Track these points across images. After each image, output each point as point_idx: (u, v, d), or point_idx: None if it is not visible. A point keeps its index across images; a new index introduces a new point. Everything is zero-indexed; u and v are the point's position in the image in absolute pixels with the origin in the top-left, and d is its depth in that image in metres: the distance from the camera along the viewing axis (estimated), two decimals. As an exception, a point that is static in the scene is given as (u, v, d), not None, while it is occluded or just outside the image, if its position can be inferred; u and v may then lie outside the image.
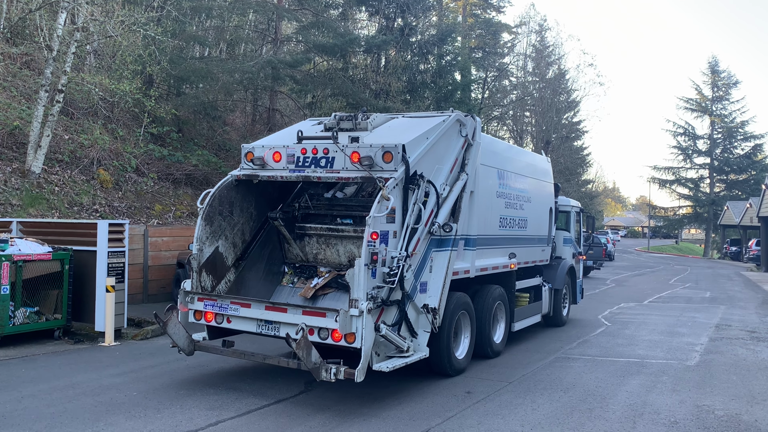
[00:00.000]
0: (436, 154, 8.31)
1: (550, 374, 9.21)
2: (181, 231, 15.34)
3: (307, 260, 8.81)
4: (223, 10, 22.01)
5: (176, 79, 20.78)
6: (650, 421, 7.11)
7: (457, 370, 8.83)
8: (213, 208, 8.28)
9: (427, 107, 25.44)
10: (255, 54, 24.94)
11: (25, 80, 18.23)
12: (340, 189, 9.02)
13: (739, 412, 7.58)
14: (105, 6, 17.04)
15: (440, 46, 27.39)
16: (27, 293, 10.11)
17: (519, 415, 7.19)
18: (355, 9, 27.93)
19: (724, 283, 27.79)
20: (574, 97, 47.12)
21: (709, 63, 59.57)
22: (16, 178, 14.77)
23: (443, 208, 8.30)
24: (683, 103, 59.28)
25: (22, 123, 16.14)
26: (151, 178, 18.40)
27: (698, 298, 20.54)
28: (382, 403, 7.48)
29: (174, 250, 14.78)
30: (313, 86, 23.47)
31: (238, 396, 7.56)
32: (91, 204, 15.96)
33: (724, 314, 16.56)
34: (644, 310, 17.16)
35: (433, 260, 8.19)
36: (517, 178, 11.05)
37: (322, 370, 6.79)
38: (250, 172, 8.45)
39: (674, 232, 74.51)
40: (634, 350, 11.21)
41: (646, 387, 8.62)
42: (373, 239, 6.97)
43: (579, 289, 15.00)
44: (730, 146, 57.93)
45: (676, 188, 59.51)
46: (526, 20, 45.70)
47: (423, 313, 7.83)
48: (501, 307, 10.38)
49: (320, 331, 7.09)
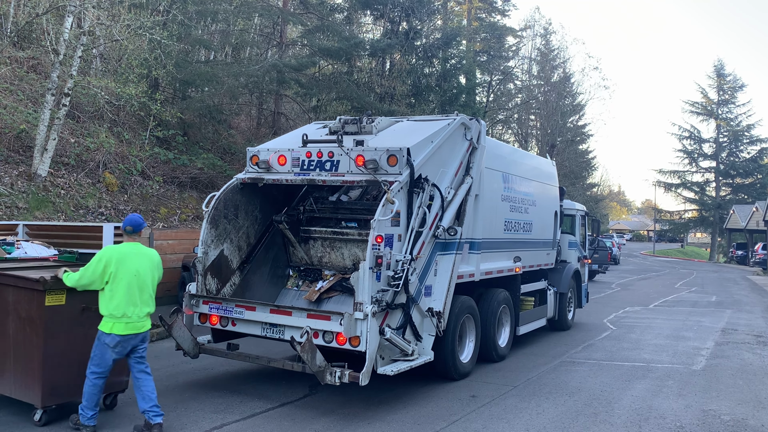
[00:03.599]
0: (441, 158, 8.31)
1: (555, 378, 9.19)
2: (187, 234, 15.36)
3: (311, 263, 8.81)
4: (229, 14, 22.06)
5: (182, 82, 20.83)
6: (656, 426, 7.08)
7: (461, 374, 8.82)
8: (218, 212, 8.30)
9: (432, 111, 25.43)
10: (260, 58, 24.99)
11: (31, 84, 18.32)
12: (345, 192, 9.03)
13: (745, 416, 7.54)
14: (111, 10, 17.11)
15: (445, 49, 27.39)
16: (33, 296, 10.12)
17: (524, 420, 7.17)
18: (360, 13, 27.94)
19: (730, 287, 27.67)
20: (580, 100, 47.05)
21: (715, 66, 59.55)
22: (22, 181, 14.83)
23: (448, 211, 8.30)
24: (689, 106, 59.22)
25: (28, 126, 16.22)
26: (156, 181, 18.44)
27: (704, 302, 20.46)
28: (386, 406, 7.47)
29: (179, 253, 14.80)
30: (318, 90, 23.50)
31: (243, 399, 7.56)
32: (97, 207, 16.01)
33: (730, 318, 16.49)
34: (650, 314, 17.10)
35: (438, 264, 8.18)
36: (522, 181, 11.03)
37: (327, 373, 6.79)
38: (255, 176, 8.47)
39: (680, 235, 74.17)
40: (639, 354, 11.17)
41: (651, 391, 8.59)
42: (378, 242, 6.97)
43: (584, 293, 14.96)
44: (736, 150, 57.72)
45: (681, 192, 59.36)
46: (531, 24, 45.66)
47: (428, 317, 7.82)
48: (506, 310, 10.36)
49: (325, 334, 7.09)
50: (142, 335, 6.26)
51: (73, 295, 6.35)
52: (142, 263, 6.25)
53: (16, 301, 6.53)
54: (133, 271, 6.14)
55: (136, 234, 6.34)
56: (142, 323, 6.22)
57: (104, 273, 6.06)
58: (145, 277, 6.24)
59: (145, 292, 6.23)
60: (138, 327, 6.19)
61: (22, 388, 6.47)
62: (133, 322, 6.13)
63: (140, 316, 6.19)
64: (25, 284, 6.42)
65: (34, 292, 6.32)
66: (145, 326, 6.28)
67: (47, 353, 6.28)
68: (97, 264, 6.07)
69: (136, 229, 6.32)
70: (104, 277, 6.06)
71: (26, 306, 6.42)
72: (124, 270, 6.10)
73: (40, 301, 6.28)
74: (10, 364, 6.57)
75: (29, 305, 6.39)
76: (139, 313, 6.17)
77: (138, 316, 6.17)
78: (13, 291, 6.55)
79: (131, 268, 6.14)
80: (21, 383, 6.48)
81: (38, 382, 6.29)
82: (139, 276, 6.18)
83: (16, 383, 6.53)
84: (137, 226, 6.32)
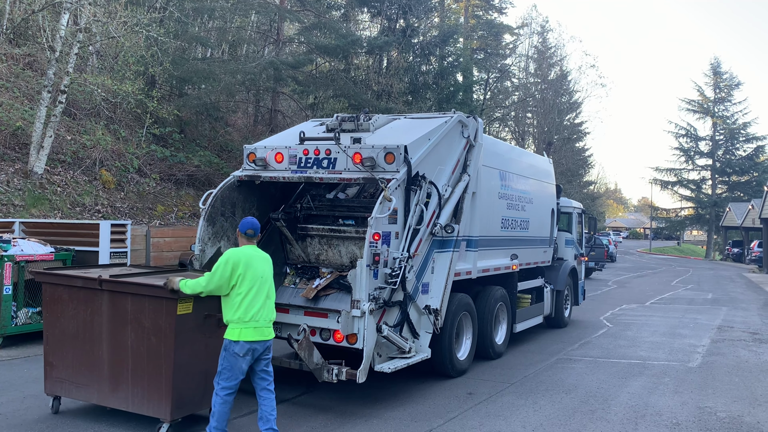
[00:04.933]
0: (438, 156, 8.31)
1: (551, 375, 9.21)
2: (183, 232, 15.32)
3: (309, 261, 8.81)
4: (226, 11, 22.02)
5: (178, 80, 20.80)
6: (652, 423, 7.11)
7: (458, 371, 8.83)
8: (215, 209, 8.29)
9: (429, 108, 25.43)
10: (257, 55, 24.95)
11: (27, 81, 18.27)
12: (342, 190, 9.02)
13: (741, 413, 7.57)
14: (108, 7, 17.06)
15: (442, 47, 27.39)
16: (29, 293, 10.11)
17: (521, 417, 7.19)
18: (357, 10, 27.92)
19: (726, 284, 27.75)
20: (576, 98, 47.16)
21: (711, 64, 59.68)
22: (18, 179, 14.80)
23: (445, 209, 8.31)
24: (685, 104, 59.29)
25: (24, 124, 16.18)
26: (153, 178, 18.42)
27: (700, 300, 20.52)
28: (383, 403, 7.49)
29: (176, 251, 14.75)
30: (315, 87, 23.49)
31: (239, 396, 7.50)
32: (94, 204, 15.98)
33: (726, 316, 16.54)
34: (646, 311, 17.14)
35: (435, 261, 8.19)
36: (519, 179, 11.05)
37: (324, 371, 6.79)
38: (253, 173, 8.46)
39: (676, 233, 74.41)
40: (636, 352, 11.20)
41: (648, 388, 8.62)
42: (375, 240, 6.97)
43: (581, 291, 14.99)
44: (732, 148, 57.85)
45: (678, 190, 59.47)
46: (528, 21, 45.74)
47: (425, 314, 7.83)
48: (503, 308, 10.38)
49: (322, 332, 7.09)
50: (268, 343, 5.89)
51: (199, 302, 6.06)
52: (266, 267, 5.97)
53: (138, 311, 6.12)
54: (260, 274, 5.85)
55: (255, 238, 6.03)
56: (269, 330, 5.89)
57: (232, 276, 5.72)
58: (270, 281, 5.96)
59: (270, 297, 5.94)
60: (266, 333, 5.83)
61: (145, 401, 6.11)
62: (261, 327, 5.78)
63: (267, 322, 5.86)
64: (151, 292, 6.04)
65: (163, 300, 5.96)
66: (272, 333, 5.94)
67: (177, 364, 5.97)
68: (225, 267, 5.72)
69: (256, 232, 6.02)
70: (232, 280, 5.73)
71: (152, 315, 6.04)
72: (252, 273, 5.79)
73: (171, 309, 5.93)
74: (127, 377, 6.19)
75: (156, 314, 6.01)
76: (266, 318, 5.85)
77: (266, 320, 5.84)
78: (133, 300, 6.15)
79: (258, 271, 5.84)
80: (143, 396, 6.12)
81: (167, 394, 5.97)
82: (264, 280, 5.89)
83: (136, 396, 6.15)
84: (257, 230, 6.03)
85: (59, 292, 6.58)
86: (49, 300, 6.68)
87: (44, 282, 6.77)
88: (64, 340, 6.54)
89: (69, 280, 6.56)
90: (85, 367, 6.44)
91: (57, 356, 6.60)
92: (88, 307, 6.39)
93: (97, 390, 6.37)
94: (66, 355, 6.55)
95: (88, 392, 6.46)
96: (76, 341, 6.48)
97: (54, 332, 6.62)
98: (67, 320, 6.53)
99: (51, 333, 6.65)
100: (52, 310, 6.65)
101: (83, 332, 6.44)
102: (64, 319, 6.55)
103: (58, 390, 6.65)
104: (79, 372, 6.47)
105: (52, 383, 6.65)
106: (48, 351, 6.66)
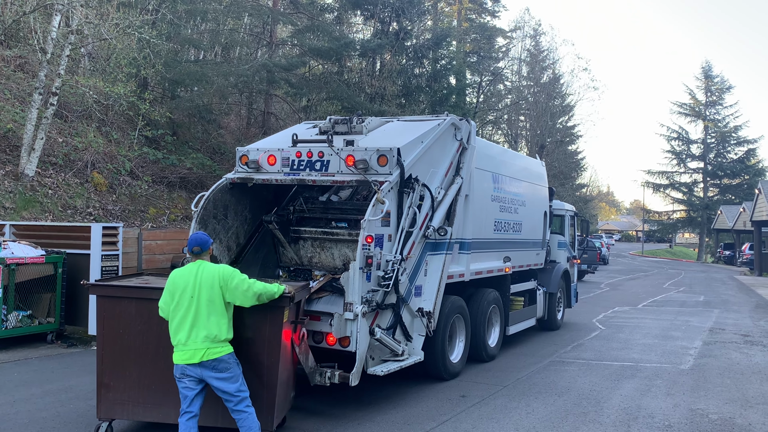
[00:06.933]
0: (431, 158, 8.31)
1: (544, 378, 9.22)
2: (176, 234, 15.26)
3: (301, 264, 8.79)
4: (218, 14, 21.99)
5: (171, 82, 20.73)
6: (644, 425, 7.12)
7: (451, 374, 8.83)
8: (207, 212, 8.25)
9: (422, 111, 25.46)
10: (250, 57, 24.91)
11: (18, 83, 18.16)
12: (335, 192, 9.01)
13: (732, 415, 7.59)
14: (100, 9, 16.99)
15: (435, 50, 27.43)
16: (20, 296, 10.05)
17: (513, 419, 7.18)
18: (351, 13, 27.91)
19: (717, 287, 27.87)
20: (569, 101, 47.22)
21: (703, 68, 60.02)
22: (9, 181, 14.70)
23: (438, 211, 8.31)
24: (677, 107, 59.69)
25: (15, 126, 16.08)
26: (145, 181, 18.34)
27: (692, 302, 20.60)
28: (376, 407, 7.47)
29: (168, 254, 14.69)
30: (308, 90, 23.45)
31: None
32: (85, 207, 15.90)
33: (718, 318, 16.61)
34: (638, 313, 17.19)
35: (428, 264, 8.19)
36: (511, 182, 11.06)
37: (317, 374, 6.77)
38: (245, 176, 8.44)
39: (668, 236, 74.69)
40: (628, 354, 11.23)
41: (640, 391, 8.63)
42: (368, 243, 6.96)
43: (573, 293, 15.03)
44: (723, 151, 58.21)
45: (670, 192, 59.82)
46: (520, 25, 45.79)
47: (418, 317, 7.82)
48: (496, 310, 10.39)
49: (314, 334, 7.07)
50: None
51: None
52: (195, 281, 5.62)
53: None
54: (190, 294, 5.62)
55: (203, 254, 5.67)
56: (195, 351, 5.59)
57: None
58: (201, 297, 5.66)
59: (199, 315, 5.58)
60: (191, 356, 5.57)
61: None
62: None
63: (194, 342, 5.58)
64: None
65: (269, 308, 5.71)
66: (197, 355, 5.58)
67: (281, 374, 5.78)
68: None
69: (203, 249, 5.67)
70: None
71: (257, 324, 5.78)
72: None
73: (277, 318, 5.72)
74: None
75: (260, 323, 5.77)
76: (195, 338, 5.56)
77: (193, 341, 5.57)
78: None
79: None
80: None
81: (269, 403, 5.74)
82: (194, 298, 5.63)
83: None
84: (204, 245, 5.69)
85: (123, 305, 6.02)
86: (107, 315, 6.06)
87: (103, 296, 6.15)
88: (127, 359, 6.00)
89: (141, 292, 6.06)
90: (156, 386, 5.94)
91: (116, 377, 6.02)
92: (163, 320, 5.65)
93: (174, 408, 5.69)
94: (130, 374, 6.00)
95: (161, 411, 5.97)
96: (144, 359, 5.97)
97: (113, 350, 6.02)
98: (132, 337, 5.98)
99: (108, 352, 6.03)
100: (112, 326, 6.02)
101: (156, 348, 5.90)
102: (128, 336, 5.99)
103: (116, 413, 6.08)
104: (149, 391, 5.98)
105: (109, 406, 6.05)
106: (102, 372, 6.04)
